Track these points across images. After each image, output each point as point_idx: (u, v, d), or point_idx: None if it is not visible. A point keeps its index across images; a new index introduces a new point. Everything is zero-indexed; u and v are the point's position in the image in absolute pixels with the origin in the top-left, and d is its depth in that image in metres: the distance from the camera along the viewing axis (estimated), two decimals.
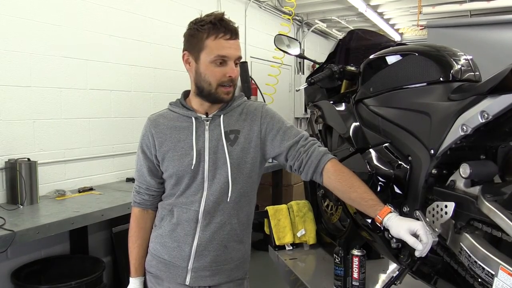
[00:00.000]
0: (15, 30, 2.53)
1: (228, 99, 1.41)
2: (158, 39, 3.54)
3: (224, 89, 1.38)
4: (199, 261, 1.43)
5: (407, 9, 5.81)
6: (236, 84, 1.42)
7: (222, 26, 1.34)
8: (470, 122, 1.10)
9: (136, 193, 1.52)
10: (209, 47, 1.35)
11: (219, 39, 1.34)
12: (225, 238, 1.44)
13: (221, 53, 1.34)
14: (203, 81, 1.38)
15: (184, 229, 1.43)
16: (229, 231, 1.44)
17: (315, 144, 1.44)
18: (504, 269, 1.01)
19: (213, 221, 1.41)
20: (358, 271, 1.67)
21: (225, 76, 1.36)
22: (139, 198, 1.51)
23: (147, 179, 1.49)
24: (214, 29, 1.34)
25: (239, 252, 1.49)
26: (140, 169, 1.50)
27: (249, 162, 1.44)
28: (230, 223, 1.44)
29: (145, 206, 1.52)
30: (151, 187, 1.49)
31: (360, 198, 1.32)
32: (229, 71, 1.36)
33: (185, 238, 1.42)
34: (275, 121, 1.47)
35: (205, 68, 1.37)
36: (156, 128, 1.45)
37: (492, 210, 1.04)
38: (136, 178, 1.53)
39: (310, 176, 1.42)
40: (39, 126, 2.69)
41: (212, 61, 1.35)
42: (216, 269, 1.45)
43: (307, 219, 2.17)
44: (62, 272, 2.59)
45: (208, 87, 1.38)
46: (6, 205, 2.39)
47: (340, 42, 2.12)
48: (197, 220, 1.41)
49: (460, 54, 1.45)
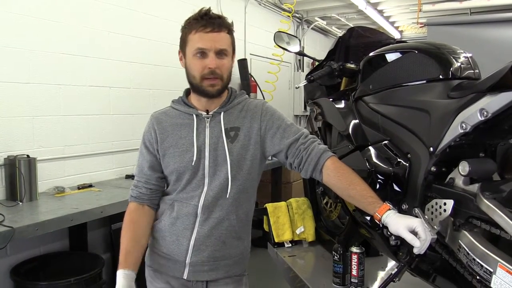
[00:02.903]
0: (15, 27, 2.53)
1: (213, 91, 1.41)
2: (157, 36, 3.54)
3: (207, 82, 1.39)
4: (197, 256, 1.44)
5: (407, 7, 5.80)
6: (225, 77, 1.42)
7: (204, 20, 1.36)
8: (470, 120, 1.10)
9: (134, 187, 1.51)
10: (191, 41, 1.38)
11: (199, 32, 1.36)
12: (223, 234, 1.45)
13: (199, 45, 1.36)
14: (190, 76, 1.42)
15: (183, 223, 1.44)
16: (227, 227, 1.45)
17: (315, 142, 1.45)
18: (502, 267, 1.01)
19: (212, 216, 1.43)
20: (357, 268, 1.68)
21: (205, 68, 1.37)
22: (136, 192, 1.50)
23: (147, 173, 1.49)
24: (195, 23, 1.37)
25: (237, 248, 1.50)
26: (141, 164, 1.51)
27: (248, 159, 1.45)
28: (229, 219, 1.44)
29: (142, 201, 1.49)
30: (149, 181, 1.49)
31: (359, 195, 1.33)
32: (208, 63, 1.36)
33: (183, 232, 1.44)
34: (275, 118, 1.48)
35: (189, 62, 1.41)
36: (159, 124, 1.48)
37: (490, 207, 1.04)
38: (136, 174, 1.53)
39: (310, 173, 1.43)
40: (38, 123, 2.69)
41: (194, 55, 1.38)
42: (214, 264, 1.46)
43: (306, 216, 2.18)
44: (61, 269, 2.59)
45: (194, 81, 1.41)
46: (5, 202, 2.39)
47: (340, 39, 2.12)
48: (196, 214, 1.42)
49: (459, 51, 1.45)
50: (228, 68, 1.42)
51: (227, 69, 1.42)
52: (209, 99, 1.44)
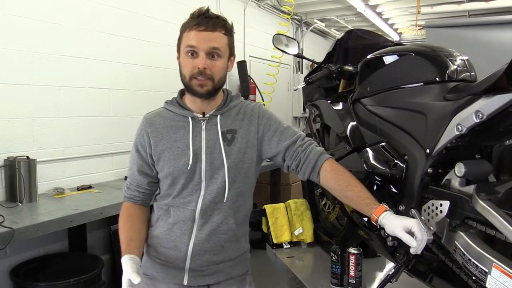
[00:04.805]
0: (14, 28, 2.54)
1: (202, 91, 1.36)
2: (157, 38, 3.55)
3: (196, 82, 1.35)
4: (195, 261, 1.42)
5: (406, 9, 5.82)
6: (217, 79, 1.37)
7: (199, 18, 1.34)
8: (465, 122, 1.11)
9: (127, 189, 1.50)
10: (184, 39, 1.36)
11: (192, 30, 1.34)
12: (221, 238, 1.43)
13: (190, 43, 1.33)
14: (181, 74, 1.39)
15: (180, 228, 1.41)
16: (226, 231, 1.43)
17: (312, 144, 1.45)
18: (498, 267, 1.02)
19: (210, 221, 1.41)
20: (355, 269, 1.69)
21: (195, 67, 1.34)
22: (129, 194, 1.49)
23: (138, 178, 1.46)
24: (191, 22, 1.35)
25: (236, 250, 1.49)
26: (132, 167, 1.48)
27: (246, 162, 1.43)
28: (227, 223, 1.43)
29: (135, 201, 1.49)
30: (141, 185, 1.47)
31: (356, 196, 1.33)
32: (197, 62, 1.33)
33: (181, 238, 1.41)
34: (272, 121, 1.47)
35: (181, 60, 1.39)
36: (152, 127, 1.43)
37: (486, 208, 1.05)
38: (128, 176, 1.51)
39: (307, 175, 1.43)
40: (38, 124, 2.69)
41: (186, 53, 1.35)
42: (214, 268, 1.44)
43: (304, 217, 2.19)
44: (60, 270, 2.59)
45: (184, 80, 1.38)
46: (5, 203, 2.39)
47: (338, 41, 2.13)
48: (193, 219, 1.40)
49: (456, 54, 1.46)
50: (220, 69, 1.37)
51: (219, 71, 1.37)
52: (203, 100, 1.40)
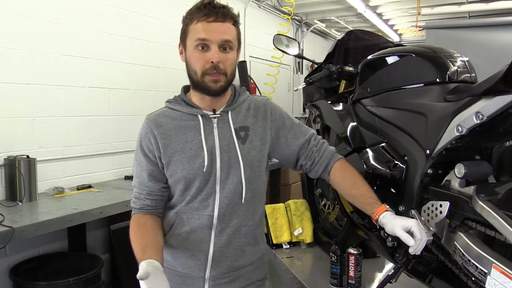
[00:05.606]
0: (15, 28, 2.54)
1: (216, 88, 1.26)
2: (158, 37, 3.55)
3: (210, 77, 1.24)
4: (216, 269, 1.33)
5: (406, 10, 5.83)
6: (229, 73, 1.28)
7: (207, 9, 1.23)
8: (465, 123, 1.11)
9: (136, 199, 1.35)
10: (192, 31, 1.25)
11: (201, 22, 1.23)
12: (241, 242, 1.35)
13: (201, 35, 1.22)
14: (191, 70, 1.28)
15: (197, 236, 1.31)
16: (246, 234, 1.35)
17: (325, 143, 1.44)
18: (497, 268, 1.02)
19: (229, 225, 1.32)
20: (354, 270, 1.69)
21: (208, 62, 1.23)
22: (139, 204, 1.34)
23: (148, 184, 1.33)
24: (197, 13, 1.24)
25: (256, 253, 1.41)
26: (140, 174, 1.34)
27: (260, 160, 1.36)
28: (246, 225, 1.35)
29: (146, 211, 1.34)
30: (153, 192, 1.33)
31: (360, 195, 1.33)
32: (210, 56, 1.22)
33: (199, 246, 1.31)
34: (284, 118, 1.42)
35: (190, 55, 1.27)
36: (159, 128, 1.31)
37: (485, 209, 1.05)
38: (135, 185, 1.36)
39: (319, 174, 1.42)
40: (38, 124, 2.70)
41: (195, 47, 1.24)
42: (235, 274, 1.36)
43: (304, 218, 2.19)
44: (60, 269, 2.59)
45: (195, 76, 1.27)
46: (5, 202, 2.40)
47: (339, 42, 2.13)
48: (211, 225, 1.30)
49: (456, 55, 1.46)
50: (232, 63, 1.28)
51: (231, 64, 1.28)
52: (213, 97, 1.30)
